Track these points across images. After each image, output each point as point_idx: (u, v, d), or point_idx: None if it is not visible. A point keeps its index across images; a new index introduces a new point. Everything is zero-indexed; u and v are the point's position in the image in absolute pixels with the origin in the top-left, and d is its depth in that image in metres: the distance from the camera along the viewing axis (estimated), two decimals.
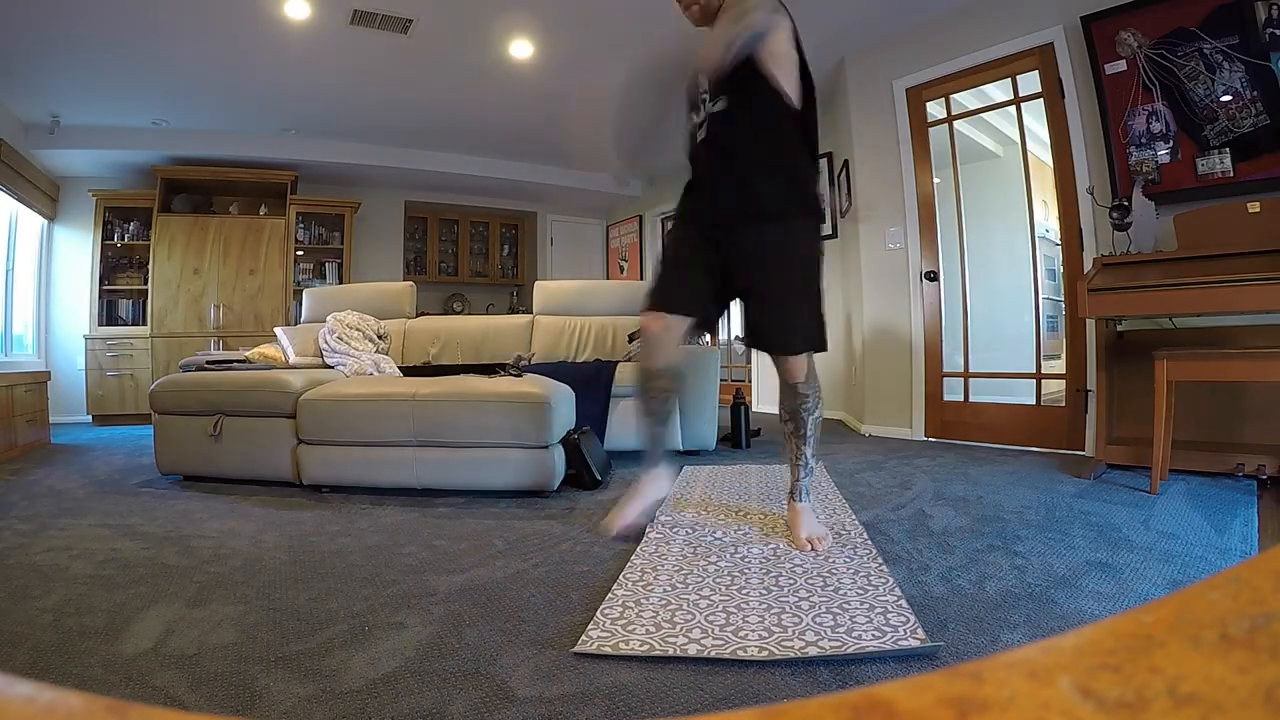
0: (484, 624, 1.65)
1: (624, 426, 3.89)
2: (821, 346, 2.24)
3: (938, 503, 2.77)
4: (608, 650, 1.48)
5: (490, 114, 6.40)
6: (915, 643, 1.50)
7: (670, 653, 1.47)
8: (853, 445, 4.38)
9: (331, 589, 1.92)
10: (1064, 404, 4.03)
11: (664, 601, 1.75)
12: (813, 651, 1.46)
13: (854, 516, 2.56)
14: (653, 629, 1.59)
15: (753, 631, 1.56)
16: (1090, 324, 3.72)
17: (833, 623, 1.60)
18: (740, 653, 1.46)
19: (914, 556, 2.09)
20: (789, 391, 2.28)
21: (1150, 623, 0.23)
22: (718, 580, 1.91)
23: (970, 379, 4.54)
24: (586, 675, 1.38)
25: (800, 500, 2.30)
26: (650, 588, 1.85)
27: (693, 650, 1.48)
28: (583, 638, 1.54)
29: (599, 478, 3.20)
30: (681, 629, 1.58)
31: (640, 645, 1.51)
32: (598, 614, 1.67)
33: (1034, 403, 4.21)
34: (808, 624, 1.60)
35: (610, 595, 1.80)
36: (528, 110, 6.30)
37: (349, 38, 4.73)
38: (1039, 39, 4.00)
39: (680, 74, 2.39)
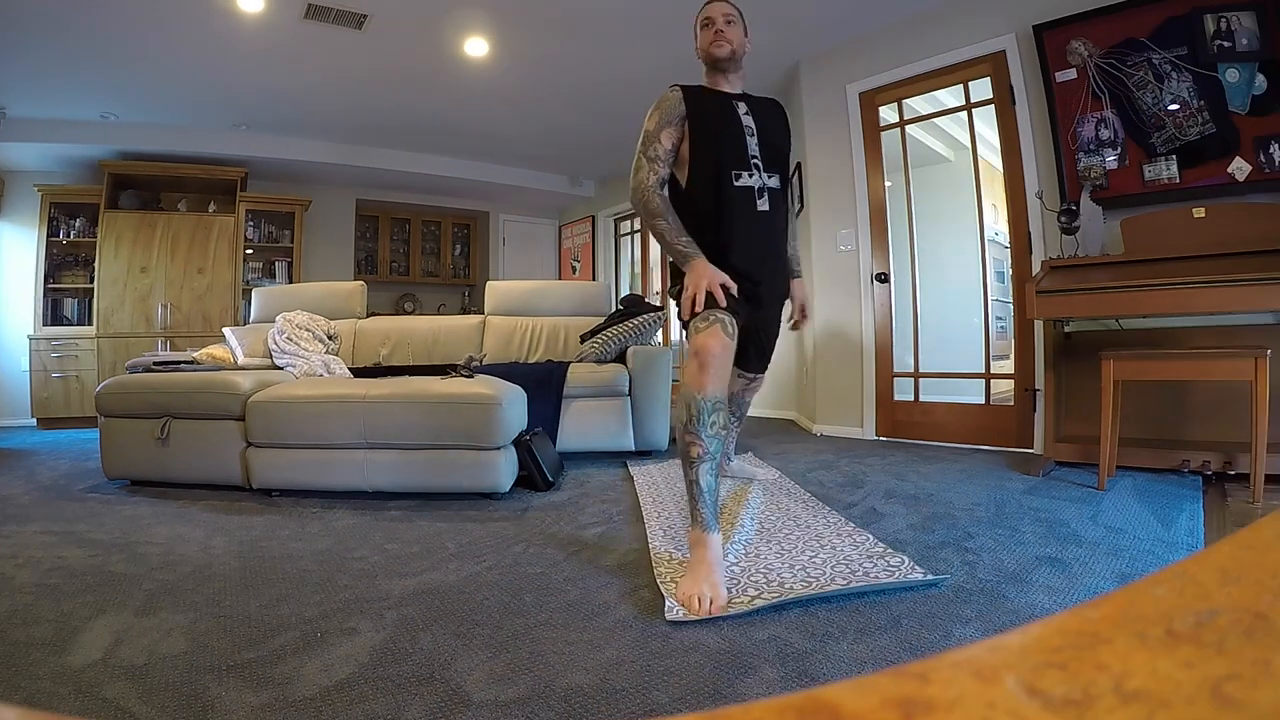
0: (438, 628, 1.62)
1: (576, 428, 3.88)
2: None
3: (889, 500, 2.81)
4: (693, 617, 1.64)
5: (444, 112, 6.33)
6: (920, 576, 1.85)
7: (742, 609, 1.67)
8: (805, 445, 4.42)
9: (283, 595, 1.88)
10: (1013, 403, 4.12)
11: None
12: (850, 587, 1.77)
13: (807, 491, 3.01)
14: None
15: (794, 580, 1.85)
16: (1038, 325, 3.81)
17: (847, 570, 1.91)
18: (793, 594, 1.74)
19: None
20: (740, 401, 2.90)
21: (1096, 619, 0.23)
22: (735, 552, 2.13)
23: (920, 379, 4.61)
24: (542, 678, 1.36)
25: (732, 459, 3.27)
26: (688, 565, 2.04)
27: (759, 603, 1.70)
28: (666, 609, 1.69)
29: (551, 479, 3.18)
30: (738, 589, 1.81)
31: None
32: (661, 589, 1.83)
33: (984, 402, 4.29)
34: (832, 574, 1.89)
35: (658, 575, 1.95)
36: (481, 109, 6.25)
37: (302, 32, 4.63)
38: (991, 46, 4.08)
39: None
